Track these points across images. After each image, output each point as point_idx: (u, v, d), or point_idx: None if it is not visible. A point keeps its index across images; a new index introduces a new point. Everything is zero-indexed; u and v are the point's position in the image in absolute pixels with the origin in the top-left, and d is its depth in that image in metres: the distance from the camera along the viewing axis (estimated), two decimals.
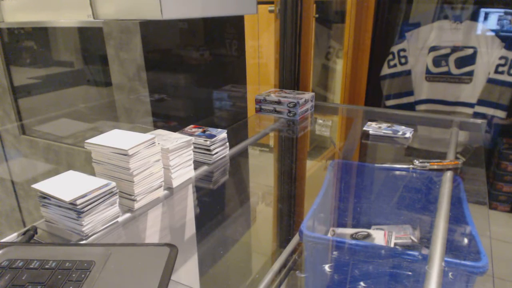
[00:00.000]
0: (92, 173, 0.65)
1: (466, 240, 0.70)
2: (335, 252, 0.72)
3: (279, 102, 1.19)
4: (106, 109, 1.34)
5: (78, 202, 0.54)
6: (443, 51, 1.68)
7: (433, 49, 1.69)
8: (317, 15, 1.68)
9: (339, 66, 1.92)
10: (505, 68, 1.56)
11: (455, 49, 1.66)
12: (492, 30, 1.59)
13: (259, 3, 1.03)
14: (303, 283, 0.83)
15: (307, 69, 1.38)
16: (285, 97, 1.19)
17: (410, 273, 0.63)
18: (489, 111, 1.63)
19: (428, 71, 1.72)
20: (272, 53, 1.39)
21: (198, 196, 0.79)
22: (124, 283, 0.42)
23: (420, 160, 0.85)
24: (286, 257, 0.88)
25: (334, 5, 1.98)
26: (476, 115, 1.66)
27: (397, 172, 0.90)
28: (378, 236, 0.84)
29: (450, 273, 0.57)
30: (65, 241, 0.56)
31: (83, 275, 0.42)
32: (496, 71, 1.59)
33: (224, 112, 1.48)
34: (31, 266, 0.43)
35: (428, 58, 1.71)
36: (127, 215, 0.64)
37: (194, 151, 0.78)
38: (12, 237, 0.56)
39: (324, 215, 0.89)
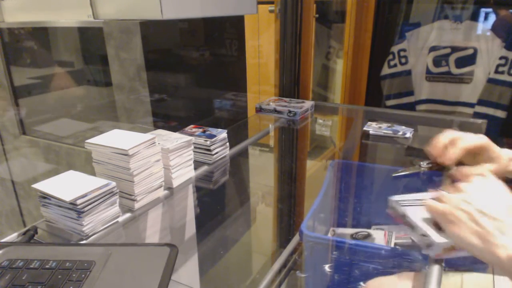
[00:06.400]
0: (92, 173, 0.65)
1: None
2: (335, 252, 0.72)
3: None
4: (106, 109, 1.34)
5: (78, 202, 0.54)
6: (443, 51, 1.67)
7: (433, 49, 1.69)
8: (317, 15, 1.68)
9: (339, 66, 1.92)
10: (505, 68, 1.56)
11: (455, 49, 1.65)
12: (492, 30, 1.59)
13: (259, 3, 1.03)
14: (303, 283, 0.83)
15: (307, 69, 1.38)
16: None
17: None
18: (490, 111, 1.63)
19: (428, 71, 1.72)
20: (272, 53, 1.39)
21: (198, 196, 0.79)
22: (124, 283, 0.42)
23: (427, 162, 0.84)
24: (286, 257, 0.88)
25: (334, 5, 1.98)
26: (476, 115, 1.66)
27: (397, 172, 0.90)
28: (378, 236, 0.84)
29: (449, 273, 0.57)
30: (65, 241, 0.56)
31: (83, 275, 0.42)
32: (496, 71, 1.58)
33: (224, 112, 1.48)
34: (31, 266, 0.43)
35: (428, 58, 1.71)
36: (127, 215, 0.64)
37: (194, 151, 0.78)
38: (12, 237, 0.56)
39: (324, 215, 0.89)
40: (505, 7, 1.57)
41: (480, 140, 0.59)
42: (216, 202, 0.89)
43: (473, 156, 0.59)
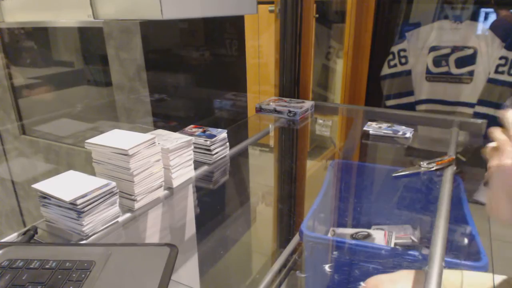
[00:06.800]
0: (92, 173, 0.65)
1: (466, 240, 0.70)
2: (335, 252, 0.72)
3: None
4: (106, 109, 1.34)
5: (78, 202, 0.54)
6: (443, 51, 1.68)
7: (433, 49, 1.69)
8: (317, 15, 1.68)
9: (339, 66, 1.92)
10: (505, 68, 1.56)
11: (455, 49, 1.66)
12: (492, 30, 1.59)
13: (259, 3, 1.03)
14: (303, 283, 0.83)
15: (308, 69, 1.38)
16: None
17: None
18: (489, 111, 1.63)
19: (428, 71, 1.72)
20: (272, 53, 1.39)
21: (198, 196, 0.79)
22: (124, 283, 0.42)
23: (427, 162, 0.84)
24: (286, 257, 0.89)
25: (334, 5, 1.98)
26: (476, 115, 1.66)
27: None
28: (378, 236, 0.84)
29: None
30: (65, 241, 0.56)
31: (83, 275, 0.42)
32: (496, 71, 1.58)
33: (224, 112, 1.48)
34: (31, 266, 0.43)
35: (428, 58, 1.71)
36: (127, 215, 0.64)
37: (194, 151, 0.78)
38: (12, 237, 0.56)
39: (324, 215, 0.89)
40: (505, 7, 1.57)
41: None
42: (216, 202, 0.89)
43: None
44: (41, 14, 0.88)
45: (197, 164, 0.81)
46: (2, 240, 0.54)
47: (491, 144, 0.54)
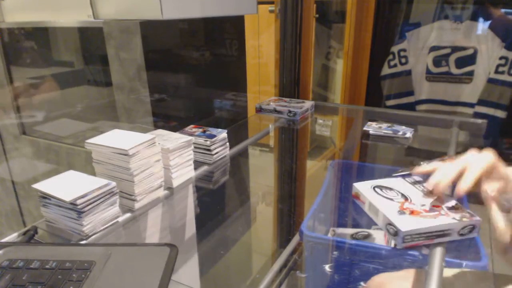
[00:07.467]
0: (93, 173, 0.65)
1: (466, 240, 0.70)
2: (335, 252, 0.72)
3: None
4: (106, 109, 1.34)
5: (79, 202, 0.54)
6: (443, 51, 1.67)
7: (433, 49, 1.69)
8: (317, 15, 1.68)
9: (339, 66, 1.92)
10: (505, 68, 1.56)
11: (455, 49, 1.65)
12: (492, 30, 1.59)
13: (259, 3, 1.03)
14: (303, 283, 0.83)
15: (308, 69, 1.38)
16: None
17: None
18: (490, 111, 1.63)
19: (428, 71, 1.72)
20: (272, 53, 1.39)
21: (198, 196, 0.79)
22: (125, 283, 0.42)
23: (427, 162, 0.84)
24: (287, 257, 0.88)
25: (334, 5, 1.98)
26: (477, 115, 1.66)
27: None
28: (378, 236, 0.84)
29: (450, 270, 0.57)
30: (65, 241, 0.56)
31: (83, 275, 0.42)
32: (496, 71, 1.58)
33: (224, 112, 1.48)
34: (32, 266, 0.43)
35: (429, 58, 1.71)
36: (128, 215, 0.64)
37: (194, 151, 0.78)
38: (12, 237, 0.56)
39: (324, 215, 0.89)
40: (505, 7, 1.58)
41: (487, 162, 0.54)
42: (216, 202, 0.89)
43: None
44: (41, 14, 0.88)
45: (197, 164, 0.81)
46: (2, 240, 0.54)
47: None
